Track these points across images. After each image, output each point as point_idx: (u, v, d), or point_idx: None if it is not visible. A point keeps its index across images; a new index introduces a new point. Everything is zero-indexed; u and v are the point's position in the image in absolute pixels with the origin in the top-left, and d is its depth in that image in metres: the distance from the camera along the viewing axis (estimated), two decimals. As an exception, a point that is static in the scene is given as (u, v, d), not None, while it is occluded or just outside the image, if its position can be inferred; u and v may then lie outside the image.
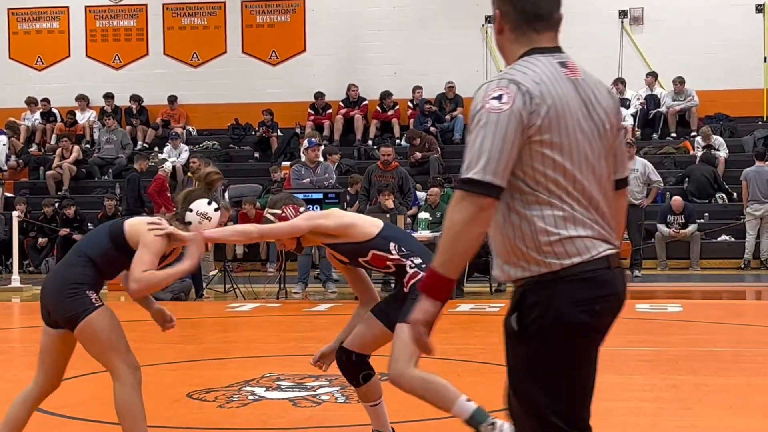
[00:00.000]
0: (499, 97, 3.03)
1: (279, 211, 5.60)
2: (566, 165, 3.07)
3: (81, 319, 5.02)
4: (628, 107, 21.37)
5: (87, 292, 5.08)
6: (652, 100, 21.55)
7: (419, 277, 5.19)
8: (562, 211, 3.07)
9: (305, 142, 15.72)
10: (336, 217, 5.53)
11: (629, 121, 21.10)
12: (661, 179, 17.24)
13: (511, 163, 3.03)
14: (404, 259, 5.36)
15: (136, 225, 5.14)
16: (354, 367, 5.58)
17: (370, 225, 5.47)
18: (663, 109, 21.50)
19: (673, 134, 21.39)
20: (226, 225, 5.48)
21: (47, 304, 5.14)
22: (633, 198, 16.55)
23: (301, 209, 5.62)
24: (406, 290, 5.33)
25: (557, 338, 3.08)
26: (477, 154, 3.01)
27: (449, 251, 3.05)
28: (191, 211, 5.21)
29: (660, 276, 17.24)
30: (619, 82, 21.50)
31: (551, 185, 3.07)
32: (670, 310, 12.46)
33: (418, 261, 5.33)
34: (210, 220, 5.22)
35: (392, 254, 5.37)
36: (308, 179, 14.84)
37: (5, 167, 21.93)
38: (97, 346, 5.08)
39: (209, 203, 5.24)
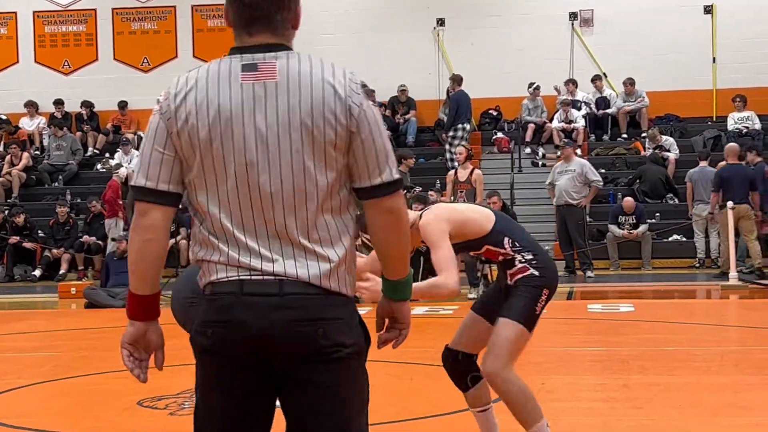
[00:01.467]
0: (159, 100, 2.97)
1: None
2: (205, 181, 2.90)
3: None
4: (579, 108, 21.50)
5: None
6: (602, 102, 21.70)
7: (528, 273, 5.02)
8: (204, 230, 2.93)
9: None
10: (450, 216, 5.08)
11: (580, 123, 21.23)
12: (600, 178, 17.37)
13: (166, 166, 2.91)
14: (516, 254, 5.09)
15: None
16: (461, 367, 5.35)
17: (485, 219, 5.15)
18: (613, 110, 21.65)
19: (624, 135, 21.55)
20: None
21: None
22: (570, 198, 16.70)
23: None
24: (510, 283, 5.10)
25: (195, 356, 2.98)
26: (138, 161, 2.99)
27: (130, 266, 3.02)
28: None
29: (612, 276, 17.34)
30: (570, 82, 21.63)
31: (195, 200, 2.94)
32: (622, 310, 12.53)
33: (529, 257, 5.08)
34: None
35: (505, 248, 5.10)
36: None
37: None
38: None
39: None
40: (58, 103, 22.96)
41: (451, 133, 20.27)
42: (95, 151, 22.74)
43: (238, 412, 2.92)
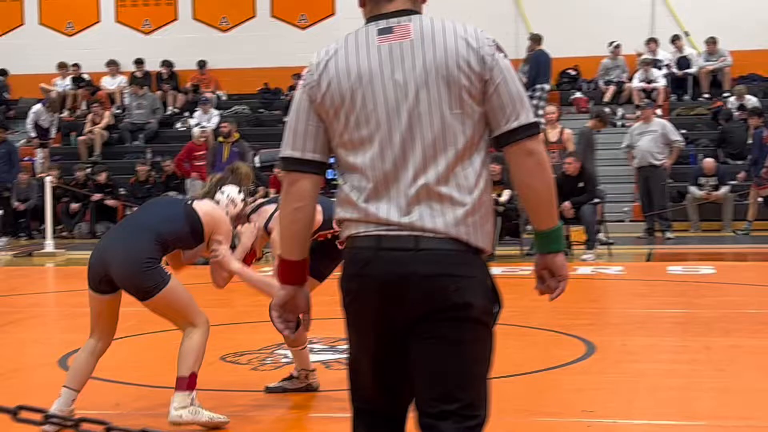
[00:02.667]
0: (302, 75, 3.13)
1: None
2: (347, 139, 3.02)
3: (158, 291, 5.42)
4: (660, 68, 21.19)
5: (159, 265, 5.50)
6: (683, 62, 21.35)
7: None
8: (343, 192, 3.04)
9: None
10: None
11: (661, 83, 20.93)
12: (681, 138, 17.12)
13: (312, 136, 3.06)
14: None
15: (214, 218, 5.70)
16: None
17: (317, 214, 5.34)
18: (694, 70, 21.30)
19: (706, 95, 21.20)
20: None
21: (115, 275, 5.41)
22: (654, 159, 16.49)
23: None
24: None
25: (342, 300, 3.07)
26: (286, 133, 3.14)
27: (281, 233, 3.12)
28: (222, 193, 5.87)
29: (692, 238, 17.14)
30: (652, 41, 21.31)
31: (340, 160, 3.07)
32: (702, 272, 12.40)
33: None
34: (235, 206, 5.89)
35: (335, 228, 5.42)
36: None
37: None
38: (175, 310, 5.56)
39: (239, 192, 5.92)
40: (139, 62, 23.22)
41: (529, 93, 20.10)
42: (175, 110, 22.98)
43: (379, 359, 3.01)
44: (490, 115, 2.99)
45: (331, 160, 3.12)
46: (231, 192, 5.91)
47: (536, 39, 20.20)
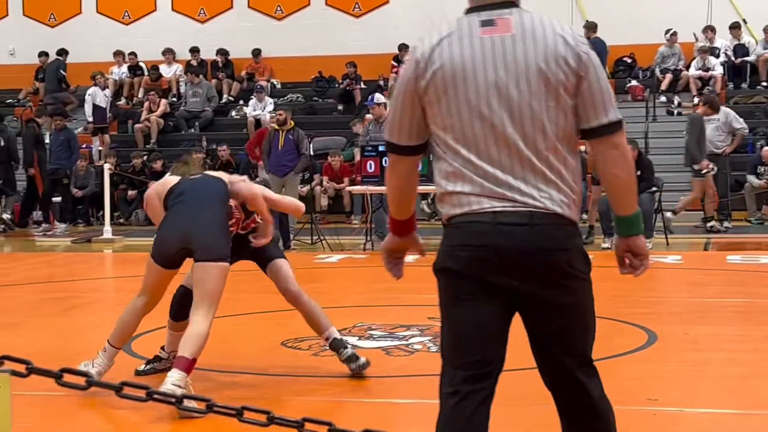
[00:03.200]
0: (406, 62, 3.35)
1: None
2: (455, 124, 3.23)
3: (224, 261, 5.83)
4: (717, 56, 20.96)
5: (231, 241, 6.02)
6: (740, 49, 21.10)
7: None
8: (450, 167, 3.26)
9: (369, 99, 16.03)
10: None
11: (718, 71, 20.71)
12: (745, 126, 16.86)
13: (407, 124, 3.31)
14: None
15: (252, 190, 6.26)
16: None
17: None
18: (752, 58, 21.05)
19: (764, 83, 20.94)
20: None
21: (198, 240, 5.80)
22: (715, 147, 16.27)
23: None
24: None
25: (439, 278, 3.33)
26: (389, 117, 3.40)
27: (388, 198, 3.53)
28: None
29: (751, 227, 16.95)
30: (709, 29, 21.09)
31: (444, 142, 3.27)
32: (762, 261, 12.27)
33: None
34: None
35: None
36: (370, 136, 15.18)
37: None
38: (214, 287, 5.80)
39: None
40: (194, 50, 23.37)
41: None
42: (230, 98, 23.10)
43: (479, 328, 3.27)
44: (580, 108, 3.25)
45: None
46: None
47: (592, 27, 20.06)
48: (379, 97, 16.40)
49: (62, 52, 23.43)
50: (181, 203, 6.04)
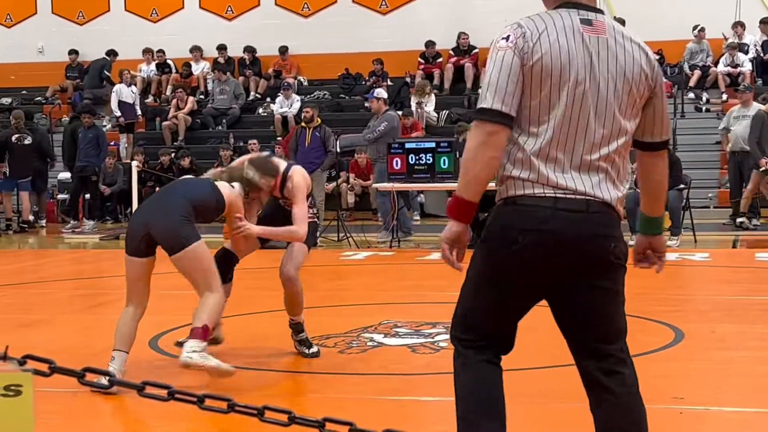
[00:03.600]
0: (507, 38, 3.41)
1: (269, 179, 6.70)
2: (542, 111, 3.39)
3: (188, 245, 5.99)
4: (746, 52, 20.83)
5: (193, 225, 6.14)
6: (768, 46, 20.97)
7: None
8: (521, 153, 3.41)
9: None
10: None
11: (747, 67, 20.58)
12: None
13: (515, 95, 3.38)
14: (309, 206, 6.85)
15: (232, 199, 6.39)
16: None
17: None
18: (782, 53, 20.91)
19: (794, 79, 20.82)
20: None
21: (154, 228, 6.01)
22: (747, 145, 16.14)
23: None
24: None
25: (484, 250, 3.50)
26: (487, 86, 3.40)
27: (467, 175, 3.42)
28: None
29: (780, 225, 16.83)
30: (739, 25, 20.95)
31: (522, 126, 3.42)
32: (791, 260, 12.20)
33: (315, 210, 7.06)
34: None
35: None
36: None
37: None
38: (198, 269, 6.08)
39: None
40: (221, 48, 23.44)
41: (613, 78, 19.90)
42: (257, 95, 23.16)
43: (512, 305, 3.55)
44: (644, 121, 3.55)
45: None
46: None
47: (620, 23, 19.98)
48: (379, 91, 16.56)
49: (111, 53, 23.52)
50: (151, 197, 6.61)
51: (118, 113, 21.77)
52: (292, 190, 6.67)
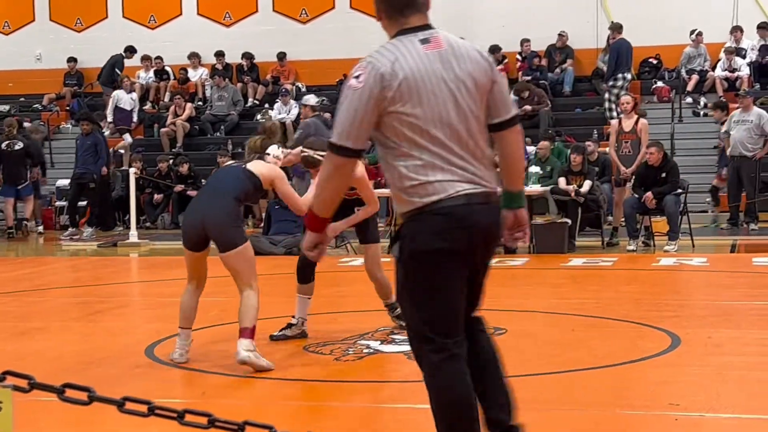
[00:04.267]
0: (358, 77, 3.82)
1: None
2: (421, 124, 3.83)
3: (239, 245, 6.71)
4: (744, 57, 20.84)
5: (243, 226, 7.00)
6: (766, 50, 20.95)
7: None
8: (420, 161, 3.84)
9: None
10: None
11: (744, 71, 20.59)
12: (776, 129, 16.72)
13: (365, 130, 3.82)
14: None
15: (267, 172, 6.99)
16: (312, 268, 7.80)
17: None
18: (780, 58, 20.91)
19: (792, 83, 20.81)
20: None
21: (211, 231, 6.73)
22: (746, 150, 16.14)
23: None
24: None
25: (422, 262, 3.88)
26: (338, 124, 3.84)
27: (319, 198, 3.98)
28: (268, 153, 7.18)
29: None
30: (737, 30, 20.96)
31: (410, 141, 3.83)
32: (788, 264, 12.19)
33: None
34: (280, 159, 7.25)
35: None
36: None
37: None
38: (244, 267, 6.76)
39: (278, 147, 7.30)
40: (219, 54, 23.43)
41: (611, 83, 19.91)
42: (255, 101, 23.16)
43: (461, 298, 3.95)
44: (491, 107, 4.00)
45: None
46: (273, 150, 7.23)
47: (617, 28, 19.98)
48: (308, 98, 17.03)
49: (130, 49, 23.41)
50: (199, 192, 7.26)
51: (110, 118, 21.78)
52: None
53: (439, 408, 3.94)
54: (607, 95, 19.98)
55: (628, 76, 20.01)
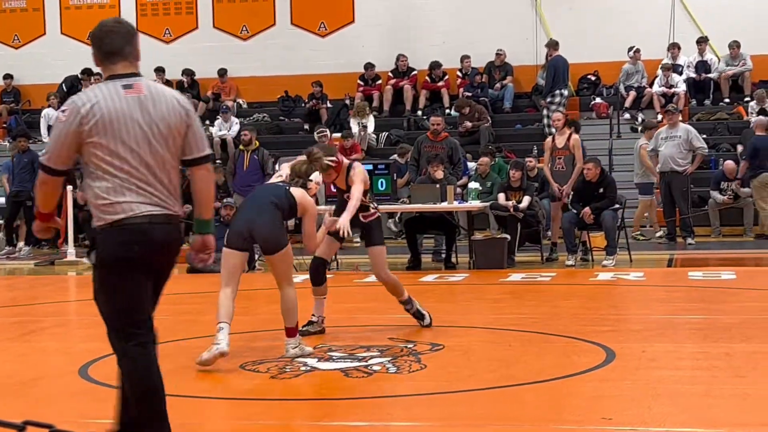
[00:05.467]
0: (64, 111, 4.71)
1: (334, 158, 8.43)
2: (112, 155, 4.66)
3: (284, 248, 7.60)
4: (680, 73, 21.14)
5: (284, 230, 7.79)
6: (702, 66, 21.28)
7: (376, 215, 8.72)
8: (111, 184, 4.67)
9: None
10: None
11: (681, 88, 20.88)
12: (705, 145, 16.85)
13: (66, 154, 4.70)
14: (369, 203, 8.61)
15: (303, 202, 7.85)
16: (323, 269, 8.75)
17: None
18: (714, 75, 21.24)
19: (726, 100, 21.13)
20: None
21: (259, 235, 7.64)
22: (676, 165, 16.34)
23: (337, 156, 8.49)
24: (363, 221, 8.67)
25: (111, 267, 4.70)
26: (47, 148, 4.76)
27: (37, 200, 4.91)
28: (311, 180, 8.11)
29: (713, 243, 17.08)
30: (674, 47, 21.26)
31: (104, 167, 4.68)
32: (723, 278, 12.35)
33: (375, 204, 8.75)
34: (318, 185, 8.39)
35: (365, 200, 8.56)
36: None
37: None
38: (286, 266, 7.72)
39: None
40: (159, 70, 23.30)
41: (548, 99, 20.09)
42: (196, 118, 23.02)
43: (145, 294, 4.80)
44: (186, 146, 4.83)
45: None
46: (315, 176, 8.24)
47: (554, 45, 20.18)
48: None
49: (87, 72, 23.03)
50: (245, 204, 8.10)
51: (46, 139, 21.55)
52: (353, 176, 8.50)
53: (132, 391, 4.80)
54: (545, 111, 20.15)
55: (566, 92, 20.20)
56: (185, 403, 6.40)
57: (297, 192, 7.85)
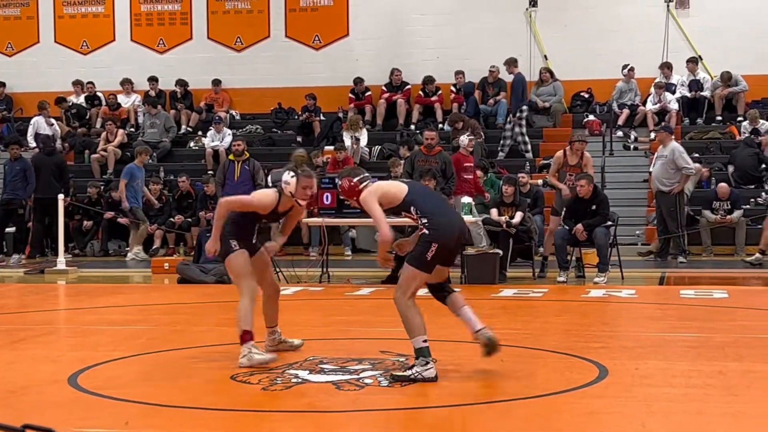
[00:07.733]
0: None
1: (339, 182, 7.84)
2: None
3: (226, 257, 7.84)
4: (673, 92, 21.18)
5: (230, 240, 7.86)
6: (695, 85, 21.33)
7: (422, 231, 7.19)
8: None
9: None
10: (377, 190, 7.37)
11: (674, 106, 20.92)
12: (690, 165, 16.72)
13: None
14: (419, 218, 7.24)
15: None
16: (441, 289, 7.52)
17: (398, 192, 7.34)
18: (707, 93, 21.28)
19: (719, 118, 21.17)
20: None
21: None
22: (662, 185, 16.34)
23: (355, 179, 7.46)
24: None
25: None
26: None
27: None
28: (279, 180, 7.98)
29: (705, 262, 17.07)
30: (666, 66, 21.31)
31: None
32: (715, 296, 12.34)
33: (424, 220, 7.19)
34: (289, 185, 7.89)
35: (412, 214, 7.27)
36: None
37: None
38: (233, 274, 7.93)
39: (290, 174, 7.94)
40: (153, 80, 23.29)
41: (518, 115, 20.36)
42: (188, 129, 23.02)
43: None
44: None
45: None
46: (286, 177, 7.94)
47: (513, 62, 20.56)
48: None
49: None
50: None
51: (33, 144, 21.51)
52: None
53: None
54: (516, 129, 20.35)
55: (525, 107, 20.56)
56: (175, 413, 6.35)
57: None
